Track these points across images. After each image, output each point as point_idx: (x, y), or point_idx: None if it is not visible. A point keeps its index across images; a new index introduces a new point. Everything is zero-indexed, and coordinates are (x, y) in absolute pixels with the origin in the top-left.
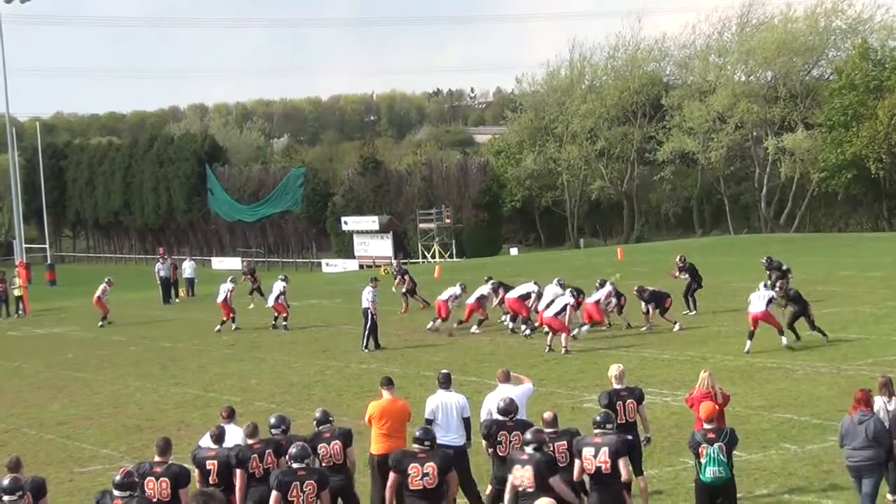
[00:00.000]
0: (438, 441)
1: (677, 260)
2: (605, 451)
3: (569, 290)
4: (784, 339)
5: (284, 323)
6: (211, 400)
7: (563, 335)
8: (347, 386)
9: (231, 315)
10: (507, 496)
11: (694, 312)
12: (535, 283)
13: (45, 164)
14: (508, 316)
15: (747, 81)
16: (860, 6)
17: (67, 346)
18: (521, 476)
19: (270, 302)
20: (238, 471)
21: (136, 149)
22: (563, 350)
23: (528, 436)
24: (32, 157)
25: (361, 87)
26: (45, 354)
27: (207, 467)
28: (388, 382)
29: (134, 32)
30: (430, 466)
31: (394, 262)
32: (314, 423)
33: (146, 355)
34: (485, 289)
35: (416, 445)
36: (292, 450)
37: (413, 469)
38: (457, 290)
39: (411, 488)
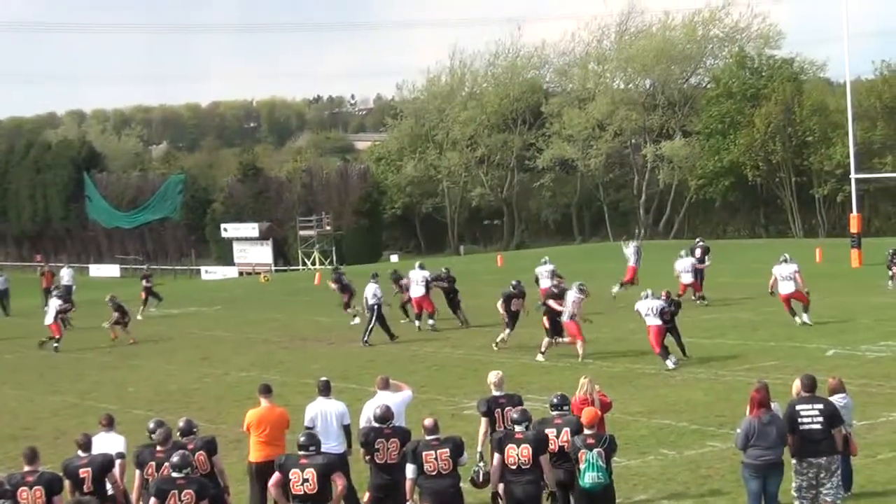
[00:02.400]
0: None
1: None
2: (566, 430)
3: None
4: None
5: (56, 345)
6: (88, 408)
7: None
8: (227, 393)
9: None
10: (493, 475)
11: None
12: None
13: None
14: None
15: (626, 89)
16: (737, 15)
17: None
18: (517, 454)
19: (48, 321)
20: (137, 472)
21: (12, 155)
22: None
23: (516, 415)
24: None
25: (242, 94)
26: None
27: (81, 476)
28: (267, 390)
29: (10, 36)
30: (310, 472)
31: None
32: (177, 433)
33: (20, 363)
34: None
35: (300, 451)
36: (174, 458)
37: (294, 475)
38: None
39: (293, 493)
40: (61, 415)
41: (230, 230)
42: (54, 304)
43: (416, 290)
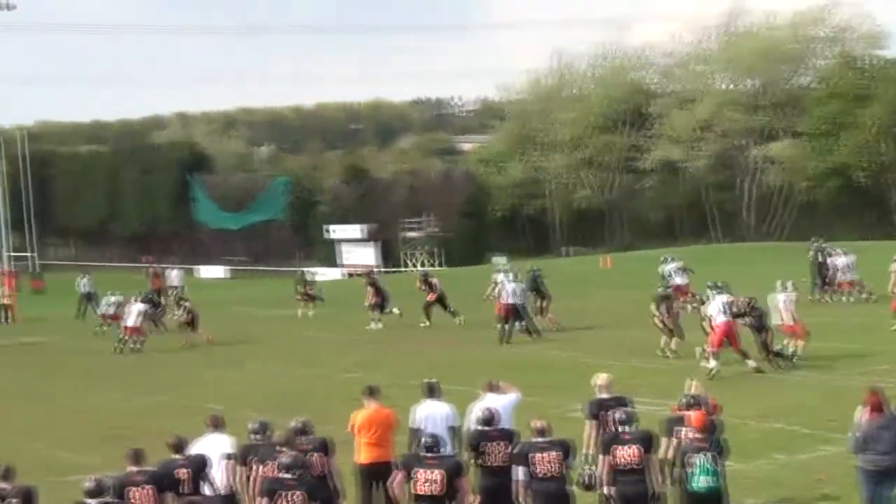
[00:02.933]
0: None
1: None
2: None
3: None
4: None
5: (134, 346)
6: (195, 409)
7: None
8: (333, 394)
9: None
10: (602, 478)
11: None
12: None
13: (32, 173)
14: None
15: (731, 90)
16: (842, 15)
17: (54, 354)
18: (627, 454)
19: (130, 322)
20: (241, 468)
21: (120, 157)
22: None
23: (622, 416)
24: (17, 165)
25: (346, 95)
26: (31, 363)
27: (179, 477)
28: (372, 392)
29: (115, 38)
30: (439, 473)
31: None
32: (293, 432)
33: (129, 363)
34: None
35: (427, 452)
36: (284, 458)
37: (419, 474)
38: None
39: (417, 493)
40: (165, 416)
41: (335, 232)
42: (137, 307)
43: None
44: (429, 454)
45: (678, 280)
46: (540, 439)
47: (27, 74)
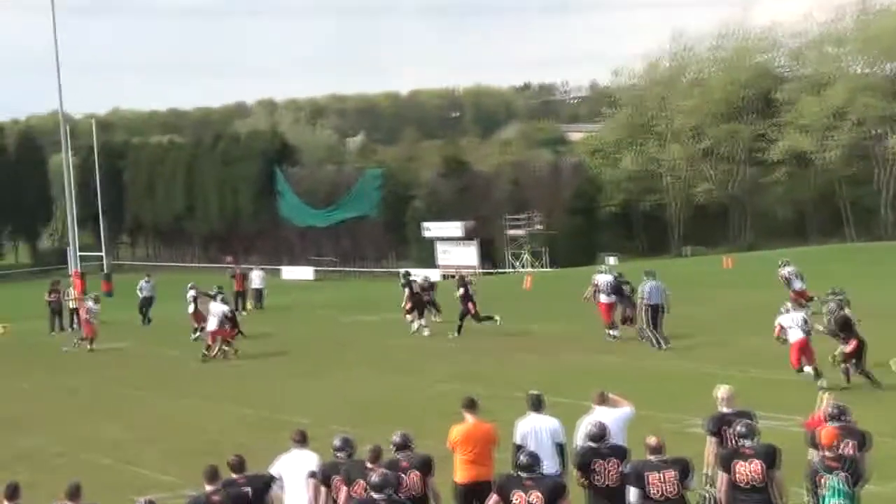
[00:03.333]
0: None
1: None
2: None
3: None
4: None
5: (226, 348)
6: (278, 422)
7: None
8: (428, 407)
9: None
10: (722, 496)
11: None
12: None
13: (101, 165)
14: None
15: (867, 73)
16: None
17: (125, 361)
18: (748, 471)
19: (213, 326)
20: (323, 488)
21: (199, 148)
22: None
23: (743, 429)
24: (88, 156)
25: (444, 81)
26: (101, 371)
27: (243, 497)
28: (472, 404)
29: (197, 24)
30: (536, 496)
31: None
32: (392, 448)
33: (210, 373)
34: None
35: (523, 472)
36: (374, 478)
37: (517, 497)
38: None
39: None
40: (250, 428)
41: (432, 229)
42: (220, 308)
43: None
44: (526, 475)
45: (797, 285)
46: (654, 457)
47: (99, 61)
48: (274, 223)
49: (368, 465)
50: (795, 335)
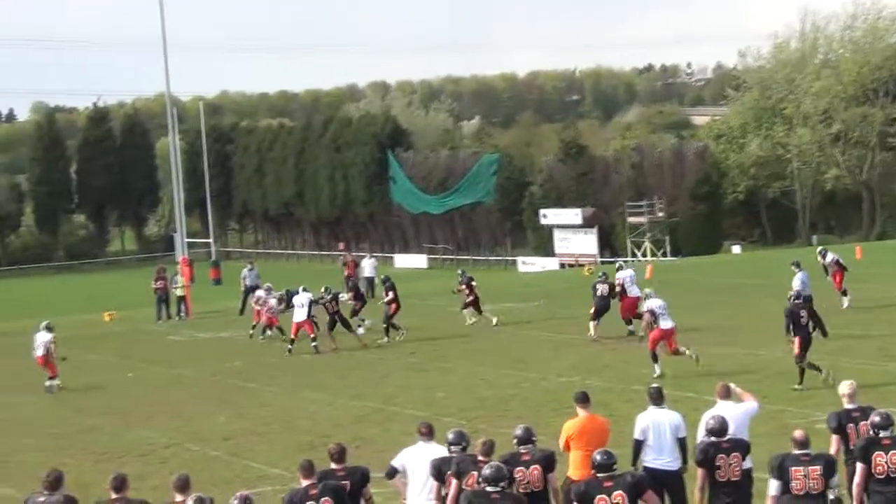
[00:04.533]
0: (649, 465)
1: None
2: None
3: None
4: None
5: (314, 343)
6: (392, 414)
7: None
8: (546, 401)
9: None
10: (856, 488)
11: None
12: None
13: (208, 149)
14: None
15: None
16: None
17: (234, 352)
18: (887, 461)
19: (301, 317)
20: (454, 481)
21: (309, 132)
22: None
23: (880, 419)
24: (195, 140)
25: (562, 62)
26: (210, 361)
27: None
28: (584, 399)
29: (308, 4)
30: (619, 495)
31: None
32: (514, 441)
33: (320, 364)
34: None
35: (600, 474)
36: (486, 470)
37: (600, 502)
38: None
39: None
40: (364, 421)
41: (550, 216)
42: (303, 298)
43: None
44: (604, 474)
45: None
46: (799, 451)
47: (206, 42)
48: (386, 210)
49: (480, 458)
50: (666, 323)
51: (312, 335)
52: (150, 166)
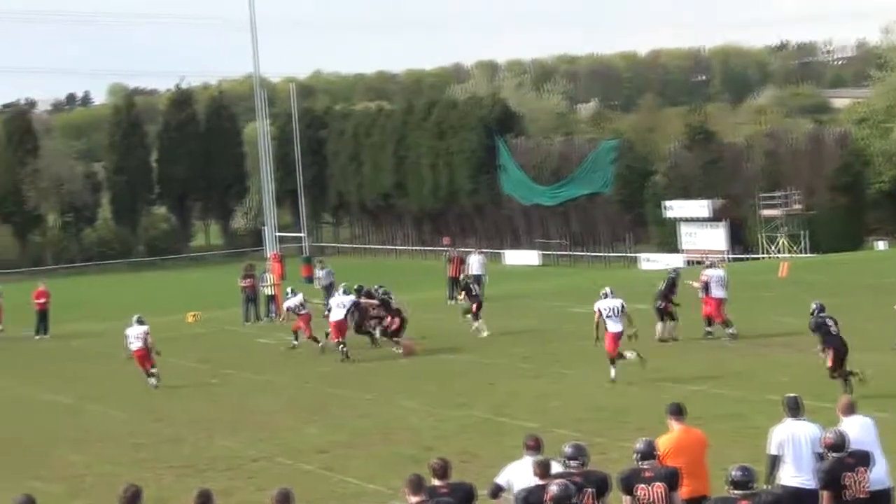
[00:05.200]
0: (787, 482)
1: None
2: None
3: None
4: None
5: (342, 345)
6: (501, 425)
7: None
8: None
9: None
10: None
11: None
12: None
13: (300, 135)
14: None
15: None
16: None
17: (327, 356)
18: None
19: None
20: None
21: (410, 116)
22: None
23: None
24: (286, 125)
25: (688, 40)
26: (301, 367)
27: None
28: (679, 411)
29: None
30: None
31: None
32: (635, 456)
33: (421, 370)
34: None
35: (735, 491)
36: (554, 488)
37: None
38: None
39: None
40: (469, 432)
41: (674, 209)
42: (343, 299)
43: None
44: (740, 492)
45: None
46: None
47: (298, 18)
48: (495, 201)
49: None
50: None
51: (337, 339)
52: (237, 154)
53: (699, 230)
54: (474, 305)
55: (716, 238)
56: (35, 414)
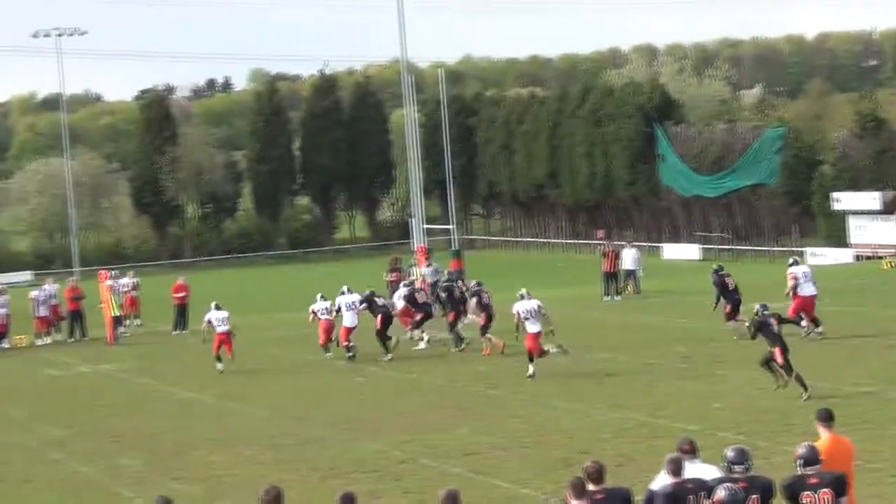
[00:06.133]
0: None
1: None
2: None
3: None
4: None
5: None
6: (659, 428)
7: None
8: (838, 415)
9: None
10: None
11: None
12: None
13: (449, 122)
14: None
15: None
16: None
17: (474, 355)
18: None
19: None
20: None
21: (564, 103)
22: None
23: None
24: (434, 112)
25: (858, 22)
26: (450, 365)
27: None
28: (829, 417)
29: None
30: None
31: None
32: (797, 462)
33: (575, 369)
34: None
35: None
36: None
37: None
38: None
39: None
40: (626, 435)
41: (843, 201)
42: (349, 298)
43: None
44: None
45: None
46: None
47: (448, 1)
48: (653, 192)
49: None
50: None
51: (346, 343)
52: (384, 142)
53: (869, 224)
54: (451, 314)
55: (887, 232)
56: (174, 412)
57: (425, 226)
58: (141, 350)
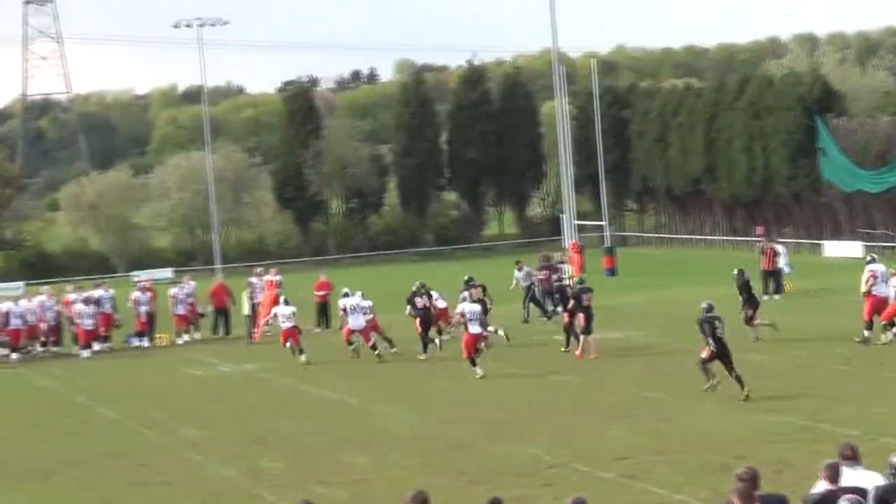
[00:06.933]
0: None
1: None
2: None
3: None
4: None
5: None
6: (820, 433)
7: None
8: None
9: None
10: None
11: None
12: None
13: (602, 115)
14: None
15: None
16: None
17: (626, 356)
18: None
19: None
20: None
21: (722, 94)
22: None
23: None
24: (586, 104)
25: None
26: (600, 366)
27: None
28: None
29: None
30: None
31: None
32: None
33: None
34: None
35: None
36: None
37: None
38: None
39: None
40: (786, 440)
41: None
42: (354, 300)
43: None
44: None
45: None
46: None
47: None
48: (814, 187)
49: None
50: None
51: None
52: (534, 135)
53: None
54: (566, 315)
55: None
56: (317, 413)
57: (576, 222)
58: (282, 349)
